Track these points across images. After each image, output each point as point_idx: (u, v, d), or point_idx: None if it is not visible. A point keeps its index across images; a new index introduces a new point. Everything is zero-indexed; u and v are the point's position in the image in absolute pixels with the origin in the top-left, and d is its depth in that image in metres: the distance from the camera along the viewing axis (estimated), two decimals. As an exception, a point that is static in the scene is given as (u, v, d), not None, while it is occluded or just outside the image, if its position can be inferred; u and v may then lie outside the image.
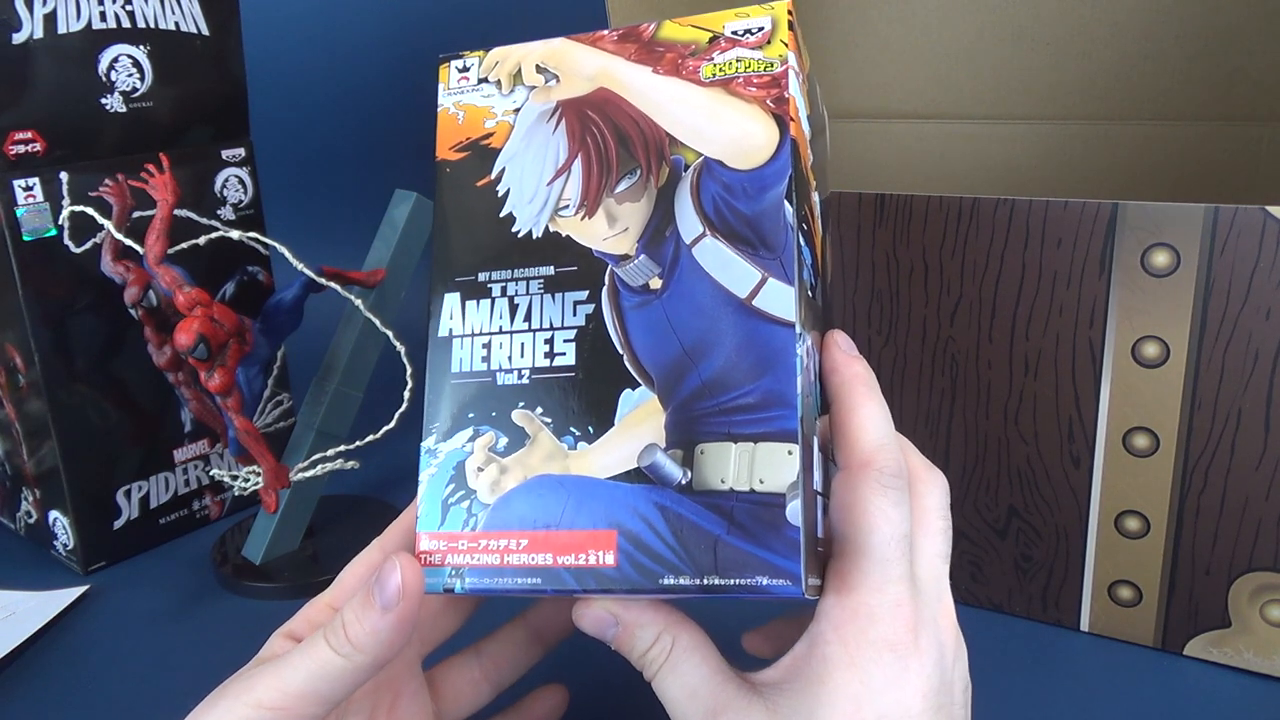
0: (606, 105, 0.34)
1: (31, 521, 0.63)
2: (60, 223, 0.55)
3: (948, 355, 0.50)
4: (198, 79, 0.60)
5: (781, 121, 0.32)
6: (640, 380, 0.31)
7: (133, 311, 0.56)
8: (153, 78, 0.58)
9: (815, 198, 0.35)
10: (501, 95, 0.36)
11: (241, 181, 0.64)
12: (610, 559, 0.30)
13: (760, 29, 0.33)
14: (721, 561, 0.29)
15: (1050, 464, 0.48)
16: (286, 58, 1.01)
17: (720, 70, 0.33)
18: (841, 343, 0.33)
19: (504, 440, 0.32)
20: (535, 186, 0.34)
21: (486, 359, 0.33)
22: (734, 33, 0.33)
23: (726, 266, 0.31)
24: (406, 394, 0.55)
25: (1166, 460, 0.46)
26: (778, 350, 0.30)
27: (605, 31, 0.35)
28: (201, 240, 0.59)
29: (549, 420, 0.32)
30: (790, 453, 0.29)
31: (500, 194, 0.35)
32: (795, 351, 0.30)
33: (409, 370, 0.55)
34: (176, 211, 0.57)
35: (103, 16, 0.56)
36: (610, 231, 0.33)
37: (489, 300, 0.34)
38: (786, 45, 0.33)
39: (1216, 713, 0.44)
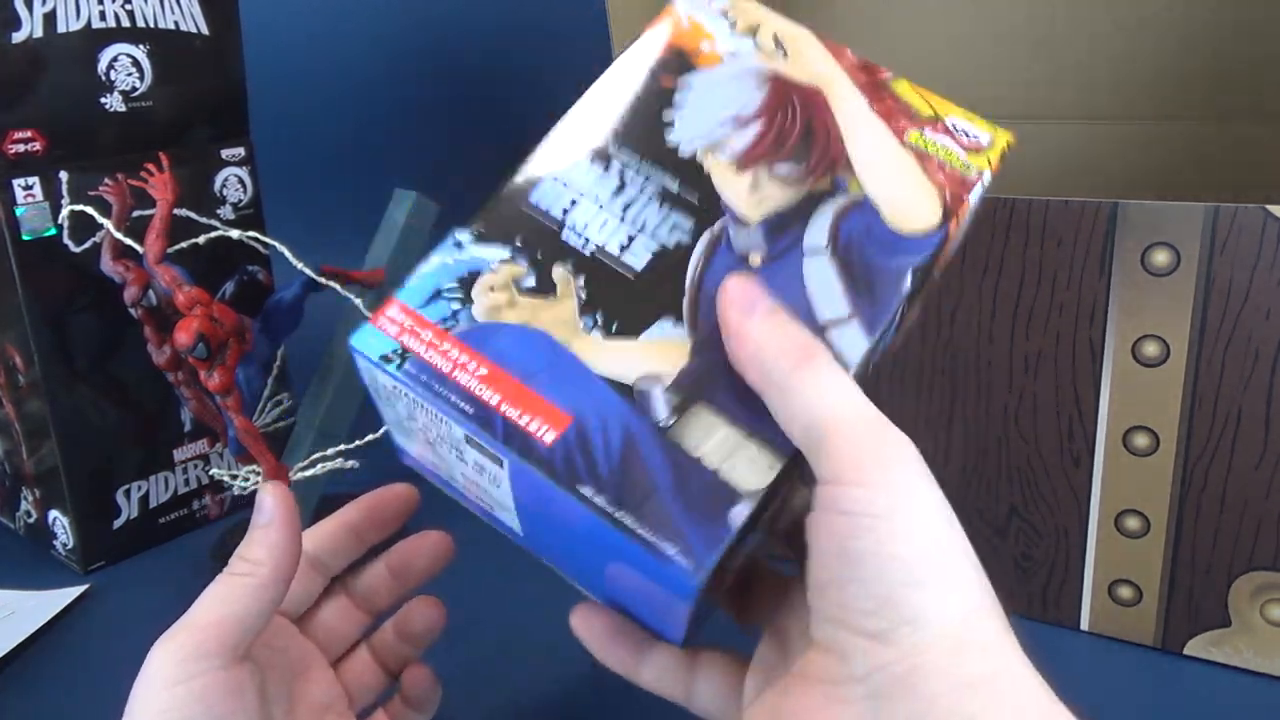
0: (813, 102, 0.36)
1: (31, 521, 0.63)
2: (60, 222, 0.55)
3: (948, 355, 0.50)
4: (197, 79, 0.60)
5: (948, 214, 0.34)
6: (686, 321, 0.32)
7: (133, 311, 0.56)
8: (152, 77, 0.58)
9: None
10: (731, 34, 0.37)
11: (241, 181, 0.64)
12: (550, 438, 0.29)
13: (977, 139, 0.36)
14: (646, 508, 0.28)
15: (1050, 463, 0.48)
16: (286, 58, 1.01)
17: (925, 144, 0.35)
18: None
19: (532, 281, 0.32)
20: (709, 117, 0.35)
21: (567, 211, 0.33)
22: (954, 126, 0.36)
23: (825, 287, 0.32)
24: (406, 394, 0.55)
25: (1166, 459, 0.46)
26: None
27: (847, 49, 0.37)
28: (201, 240, 0.59)
29: (584, 294, 0.32)
30: (772, 467, 0.29)
31: (674, 100, 0.36)
32: None
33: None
34: (176, 211, 0.57)
35: (102, 16, 0.56)
36: (748, 195, 0.34)
37: (603, 168, 0.34)
38: (990, 165, 0.35)
39: (1216, 712, 0.44)
